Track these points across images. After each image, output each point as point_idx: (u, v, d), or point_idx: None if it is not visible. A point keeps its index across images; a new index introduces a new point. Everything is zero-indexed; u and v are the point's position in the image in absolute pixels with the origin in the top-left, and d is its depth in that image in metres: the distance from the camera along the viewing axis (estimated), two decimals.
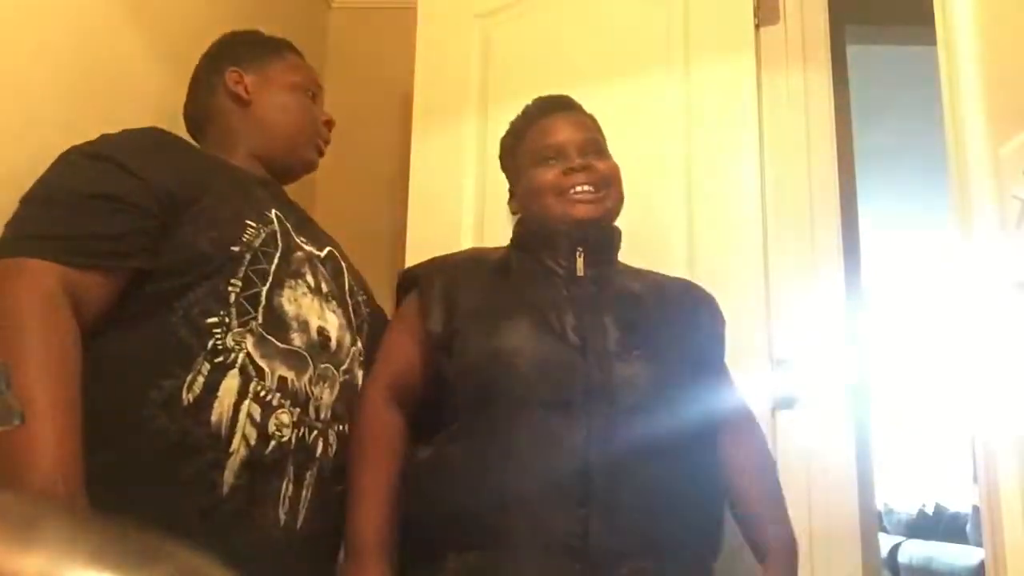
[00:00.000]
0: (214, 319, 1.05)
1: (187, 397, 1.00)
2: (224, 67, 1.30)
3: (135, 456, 0.99)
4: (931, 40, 1.12)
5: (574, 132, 1.34)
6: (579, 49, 1.86)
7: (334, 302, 1.22)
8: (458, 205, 1.84)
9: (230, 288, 1.08)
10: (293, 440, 1.08)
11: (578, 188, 1.29)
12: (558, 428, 1.12)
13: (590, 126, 1.38)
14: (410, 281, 1.33)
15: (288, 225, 1.19)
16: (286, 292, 1.13)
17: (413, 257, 1.80)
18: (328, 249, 1.27)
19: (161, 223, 1.06)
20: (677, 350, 1.24)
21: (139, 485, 0.97)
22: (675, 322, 1.27)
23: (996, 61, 1.00)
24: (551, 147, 1.32)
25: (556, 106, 1.39)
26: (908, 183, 4.62)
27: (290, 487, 1.08)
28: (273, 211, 1.18)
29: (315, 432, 1.12)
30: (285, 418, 1.08)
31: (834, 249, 1.77)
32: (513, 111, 1.46)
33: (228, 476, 1.02)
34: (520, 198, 1.39)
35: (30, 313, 0.93)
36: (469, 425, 1.16)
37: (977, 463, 1.01)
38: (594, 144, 1.34)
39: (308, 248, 1.21)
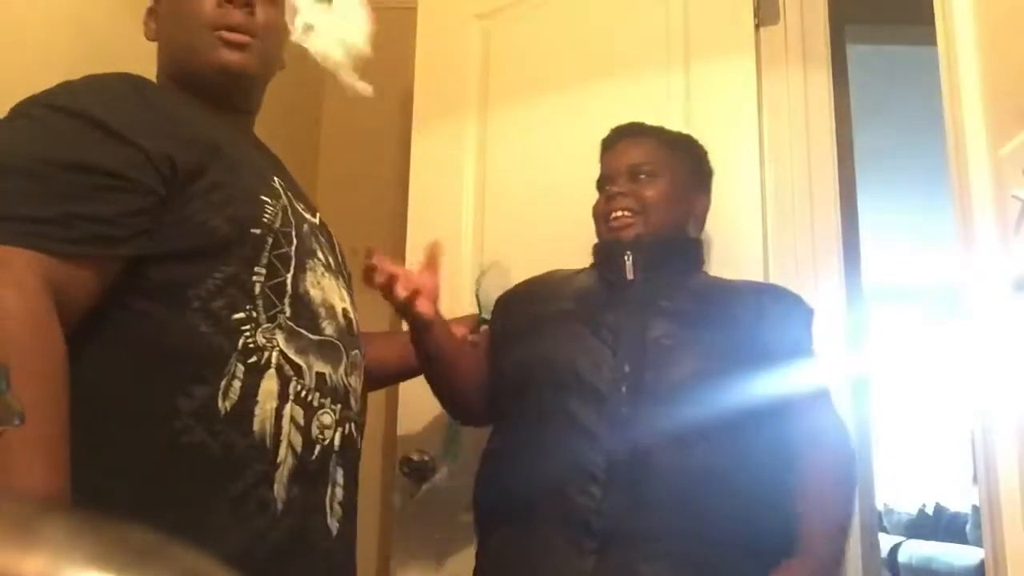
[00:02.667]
0: (241, 314, 0.92)
1: (224, 405, 0.88)
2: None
3: (167, 478, 0.86)
4: (931, 40, 1.12)
5: (623, 158, 1.41)
6: (579, 49, 1.85)
7: (340, 277, 1.10)
8: (458, 205, 1.84)
9: (254, 278, 0.94)
10: (337, 441, 0.99)
11: (615, 215, 1.37)
12: (581, 414, 1.21)
13: (644, 149, 1.42)
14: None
15: (289, 194, 1.05)
16: (308, 276, 1.01)
17: (413, 257, 1.80)
18: (318, 215, 1.14)
19: (161, 199, 0.89)
20: (720, 339, 1.26)
21: (177, 511, 0.83)
22: (726, 314, 1.30)
23: (996, 61, 1.00)
24: (604, 177, 1.43)
25: (617, 135, 1.46)
26: (908, 183, 4.61)
27: (339, 491, 1.00)
28: (275, 179, 1.04)
29: (354, 425, 1.04)
30: (327, 419, 0.98)
31: (834, 249, 1.76)
32: (513, 111, 1.47)
33: (279, 491, 0.91)
34: None
35: (16, 323, 0.78)
36: (509, 416, 1.31)
37: (977, 463, 1.01)
38: (645, 167, 1.39)
39: (308, 217, 1.08)
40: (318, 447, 0.96)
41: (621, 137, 1.45)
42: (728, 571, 1.16)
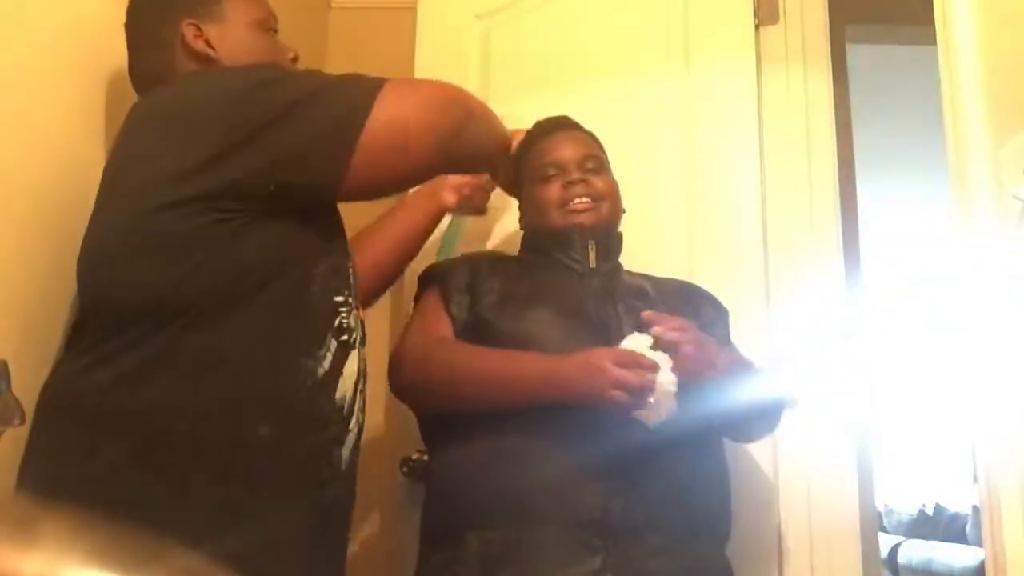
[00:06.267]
0: (340, 297, 1.04)
1: (320, 372, 0.99)
2: (177, 18, 1.13)
3: (271, 422, 0.96)
4: (931, 40, 1.12)
5: (573, 149, 1.43)
6: (579, 49, 1.85)
7: None
8: None
9: (350, 268, 1.08)
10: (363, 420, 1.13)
11: (577, 200, 1.38)
12: (584, 411, 1.17)
13: (589, 143, 1.46)
14: (430, 277, 1.42)
15: None
16: None
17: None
18: None
19: None
20: None
21: (270, 450, 0.95)
22: (679, 312, 1.32)
23: (996, 61, 1.00)
24: (551, 164, 1.42)
25: (556, 126, 1.47)
26: (908, 183, 4.62)
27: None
28: None
29: None
30: (363, 403, 1.11)
31: (834, 248, 1.76)
32: (513, 111, 1.46)
33: (345, 452, 1.04)
34: (525, 214, 1.48)
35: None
36: (495, 413, 1.21)
37: (977, 463, 1.01)
38: (592, 160, 1.43)
39: None
40: (363, 420, 1.09)
41: (561, 128, 1.47)
42: (712, 556, 1.24)
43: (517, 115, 1.81)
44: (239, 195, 0.94)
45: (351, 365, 1.04)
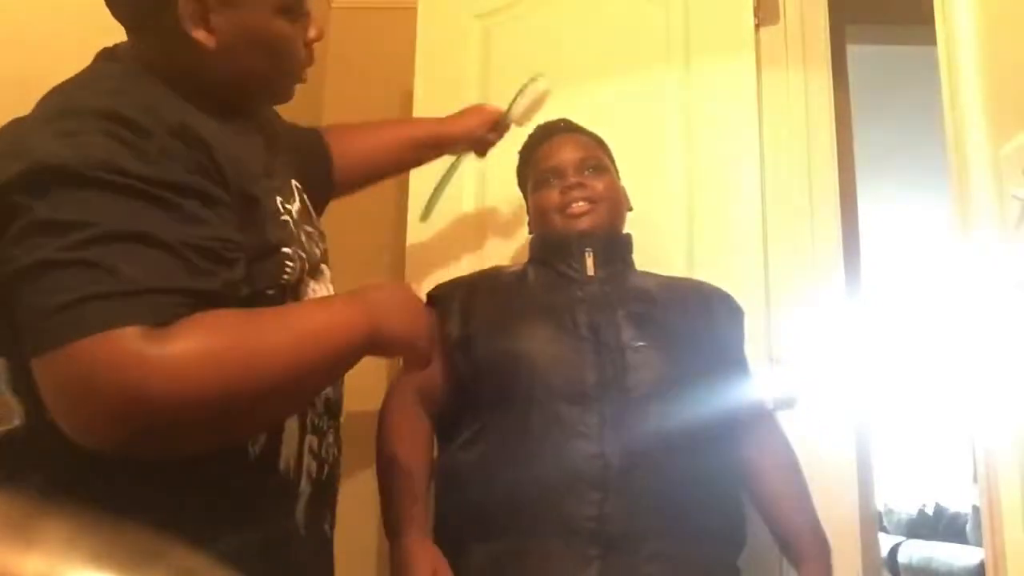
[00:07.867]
0: None
1: (253, 450, 0.88)
2: None
3: (220, 511, 0.85)
4: (931, 40, 1.12)
5: (571, 152, 1.43)
6: (579, 49, 1.85)
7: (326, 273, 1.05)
8: (458, 205, 1.83)
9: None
10: (336, 452, 1.01)
11: (574, 204, 1.38)
12: (574, 418, 1.19)
13: (588, 145, 1.46)
14: (431, 299, 1.42)
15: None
16: (321, 292, 0.98)
17: (413, 258, 1.81)
18: (321, 230, 1.07)
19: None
20: (689, 341, 1.30)
21: (228, 540, 0.78)
22: (688, 316, 1.34)
23: (996, 61, 1.00)
24: (550, 170, 1.43)
25: (555, 130, 1.48)
26: (908, 183, 4.62)
27: (335, 498, 1.03)
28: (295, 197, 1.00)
29: (338, 430, 1.06)
30: (331, 438, 0.99)
31: (834, 249, 1.77)
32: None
33: (300, 516, 0.94)
34: (531, 219, 1.49)
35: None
36: (490, 424, 1.25)
37: (977, 463, 1.01)
38: (591, 161, 1.42)
39: (317, 229, 1.03)
40: (326, 466, 0.99)
41: (558, 132, 1.47)
42: (715, 562, 1.24)
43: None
44: None
45: (291, 428, 0.92)
